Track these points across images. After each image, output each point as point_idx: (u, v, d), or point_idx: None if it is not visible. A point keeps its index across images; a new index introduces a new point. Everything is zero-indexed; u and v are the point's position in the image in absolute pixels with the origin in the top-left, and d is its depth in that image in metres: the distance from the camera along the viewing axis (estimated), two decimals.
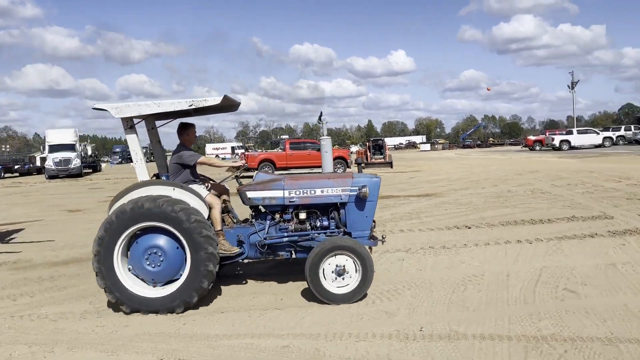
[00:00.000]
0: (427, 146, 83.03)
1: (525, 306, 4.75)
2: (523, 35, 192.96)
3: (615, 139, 44.99)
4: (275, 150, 30.46)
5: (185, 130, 5.79)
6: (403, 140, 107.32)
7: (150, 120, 6.07)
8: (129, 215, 4.91)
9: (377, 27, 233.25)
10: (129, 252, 5.09)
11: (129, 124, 5.26)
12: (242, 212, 6.25)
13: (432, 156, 49.74)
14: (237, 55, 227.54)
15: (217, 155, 78.73)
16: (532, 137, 52.20)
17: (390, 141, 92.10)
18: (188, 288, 4.94)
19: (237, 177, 5.88)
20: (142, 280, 5.10)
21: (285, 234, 5.50)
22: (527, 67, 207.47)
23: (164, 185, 5.22)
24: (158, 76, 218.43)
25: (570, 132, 45.34)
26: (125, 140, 5.36)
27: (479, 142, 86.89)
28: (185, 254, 4.97)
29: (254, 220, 5.73)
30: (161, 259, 5.02)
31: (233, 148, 75.26)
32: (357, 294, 5.05)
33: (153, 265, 5.03)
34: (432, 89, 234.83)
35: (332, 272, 5.03)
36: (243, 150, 33.02)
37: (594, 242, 7.29)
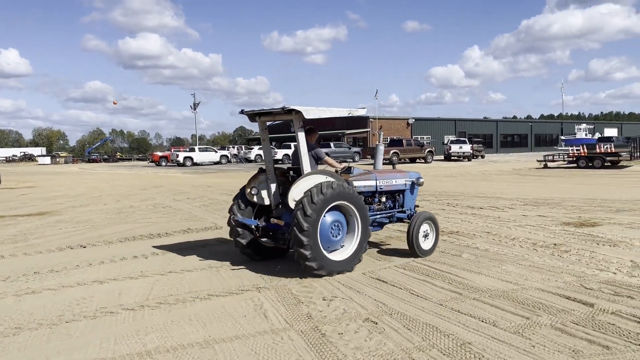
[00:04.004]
0: (48, 159, 75.22)
1: (134, 323, 4.69)
2: (149, 53, 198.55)
3: (230, 157, 50.77)
4: None
5: (312, 133, 7.10)
6: (17, 152, 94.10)
7: (266, 121, 6.91)
8: (330, 195, 5.97)
9: None
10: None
11: (300, 123, 6.28)
12: None
13: (52, 170, 45.25)
14: None
15: None
16: (158, 153, 53.70)
17: (0, 152, 79.33)
18: (354, 258, 6.31)
19: (337, 172, 6.99)
20: None
21: (377, 212, 7.31)
22: (154, 85, 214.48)
23: (324, 175, 6.27)
24: None
25: (193, 150, 48.73)
26: None
27: (105, 156, 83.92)
28: (357, 230, 6.36)
29: None
30: (339, 232, 6.27)
31: None
32: (433, 250, 7.26)
33: (333, 235, 6.19)
34: (53, 97, 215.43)
35: (422, 235, 7.06)
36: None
37: (205, 251, 7.93)
